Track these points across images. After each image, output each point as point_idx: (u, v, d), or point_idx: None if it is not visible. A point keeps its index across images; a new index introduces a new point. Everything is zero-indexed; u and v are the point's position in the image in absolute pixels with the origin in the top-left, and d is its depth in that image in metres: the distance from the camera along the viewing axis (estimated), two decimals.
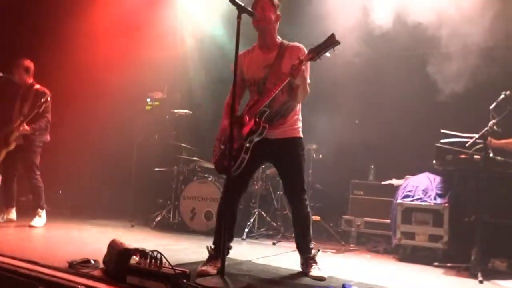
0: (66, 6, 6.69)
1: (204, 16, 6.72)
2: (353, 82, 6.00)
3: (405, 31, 5.39)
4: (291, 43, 3.32)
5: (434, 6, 5.12)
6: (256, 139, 3.14)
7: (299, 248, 3.39)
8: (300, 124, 3.39)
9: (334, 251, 4.84)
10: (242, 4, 2.93)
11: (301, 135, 3.37)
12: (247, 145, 3.14)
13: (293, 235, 3.49)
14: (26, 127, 4.96)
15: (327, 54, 3.00)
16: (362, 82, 6.01)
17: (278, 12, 3.31)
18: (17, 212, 5.23)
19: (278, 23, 3.35)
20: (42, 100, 4.96)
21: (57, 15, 6.68)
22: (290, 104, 3.30)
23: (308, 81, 3.22)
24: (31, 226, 4.88)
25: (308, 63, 3.21)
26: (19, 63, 5.18)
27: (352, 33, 5.56)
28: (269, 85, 3.17)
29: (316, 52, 3.00)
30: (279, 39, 3.36)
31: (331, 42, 2.97)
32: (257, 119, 3.12)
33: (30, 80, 5.24)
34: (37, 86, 5.21)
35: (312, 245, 3.38)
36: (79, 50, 6.76)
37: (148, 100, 7.24)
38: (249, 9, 3.04)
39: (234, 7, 2.91)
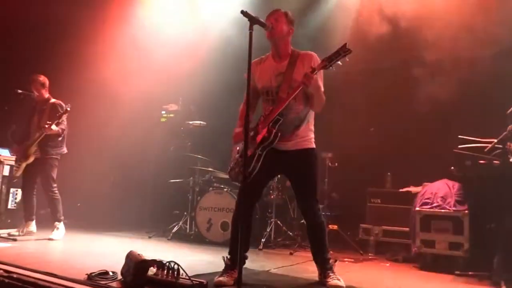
0: (82, 23, 6.82)
1: (218, 28, 6.78)
2: (368, 89, 5.98)
3: (416, 38, 5.37)
4: (303, 51, 3.34)
5: (444, 12, 5.12)
6: (269, 147, 3.15)
7: (316, 259, 3.35)
8: (312, 135, 3.37)
9: (353, 260, 4.77)
10: (254, 16, 2.95)
11: (314, 146, 3.35)
12: (259, 152, 3.14)
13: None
14: (55, 127, 5.02)
15: (339, 62, 3.03)
16: (377, 90, 5.97)
17: (292, 27, 3.34)
18: (37, 225, 5.31)
19: (291, 37, 3.37)
20: (62, 110, 5.07)
21: (74, 30, 6.80)
22: (305, 114, 3.30)
23: (322, 89, 3.22)
24: (50, 239, 4.94)
25: (322, 72, 3.22)
26: (34, 79, 5.32)
27: (364, 41, 5.56)
28: (282, 94, 3.19)
29: (329, 60, 3.04)
30: (291, 48, 3.38)
31: (343, 51, 3.01)
32: (270, 127, 3.13)
33: (47, 95, 5.37)
34: (53, 100, 5.33)
35: (328, 255, 3.33)
36: (95, 65, 6.86)
37: (163, 112, 7.31)
38: (262, 20, 3.05)
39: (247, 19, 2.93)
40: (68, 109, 5.12)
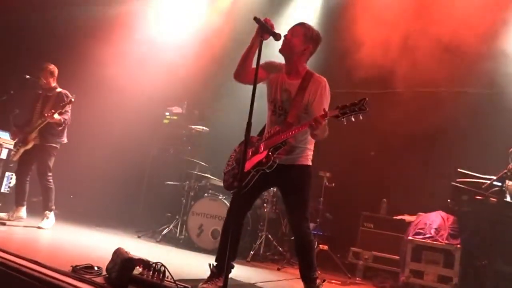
0: (94, 20, 6.88)
1: (231, 33, 6.83)
2: (372, 114, 5.97)
3: (420, 67, 5.41)
4: (316, 75, 3.24)
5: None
6: (263, 170, 3.13)
7: (302, 276, 3.30)
8: (310, 153, 3.33)
9: (340, 283, 4.73)
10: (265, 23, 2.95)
11: (309, 163, 3.31)
12: (254, 173, 3.14)
13: None
14: (57, 116, 5.02)
15: (352, 118, 2.87)
16: (379, 115, 5.96)
17: (310, 45, 3.24)
18: (28, 212, 5.27)
19: (307, 55, 3.27)
20: (67, 99, 5.07)
21: (85, 26, 6.86)
22: (305, 138, 3.27)
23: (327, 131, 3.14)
24: (39, 228, 4.91)
25: (328, 95, 3.19)
26: (45, 67, 5.35)
27: (366, 66, 5.61)
28: (290, 119, 3.15)
29: (343, 112, 2.88)
30: (305, 68, 3.29)
31: (360, 107, 2.85)
32: (269, 153, 3.12)
33: (54, 84, 5.38)
34: (60, 89, 5.33)
35: (315, 275, 3.28)
36: (104, 61, 6.89)
37: (167, 114, 7.31)
38: (273, 30, 2.97)
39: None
40: (73, 99, 5.12)
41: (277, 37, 2.97)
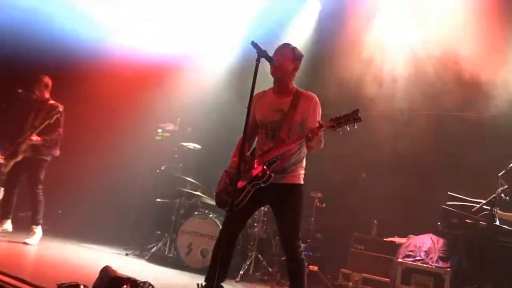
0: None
1: (228, 55, 6.90)
2: (363, 135, 6.03)
3: (417, 89, 5.49)
4: (305, 92, 3.34)
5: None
6: (259, 185, 3.14)
7: None
8: (302, 171, 3.35)
9: None
10: (263, 49, 3.00)
11: (301, 182, 3.34)
12: (250, 188, 3.14)
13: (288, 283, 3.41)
14: (37, 138, 5.01)
15: (347, 127, 2.99)
16: (372, 137, 6.02)
17: (298, 64, 3.35)
18: (14, 227, 5.18)
19: (295, 73, 3.37)
20: (54, 111, 5.05)
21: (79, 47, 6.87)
22: (299, 154, 3.30)
23: (323, 141, 3.20)
24: (25, 243, 4.82)
25: (320, 110, 3.25)
26: (39, 79, 5.34)
27: (361, 86, 5.69)
28: (283, 135, 3.18)
29: (338, 122, 2.99)
30: (294, 86, 3.38)
31: (354, 117, 2.97)
32: (265, 167, 3.13)
33: (47, 96, 5.36)
34: (52, 101, 5.32)
35: None
36: (99, 74, 6.89)
37: (160, 130, 7.29)
38: (269, 55, 3.08)
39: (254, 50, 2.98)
40: (60, 109, 5.11)
41: (272, 62, 3.14)
